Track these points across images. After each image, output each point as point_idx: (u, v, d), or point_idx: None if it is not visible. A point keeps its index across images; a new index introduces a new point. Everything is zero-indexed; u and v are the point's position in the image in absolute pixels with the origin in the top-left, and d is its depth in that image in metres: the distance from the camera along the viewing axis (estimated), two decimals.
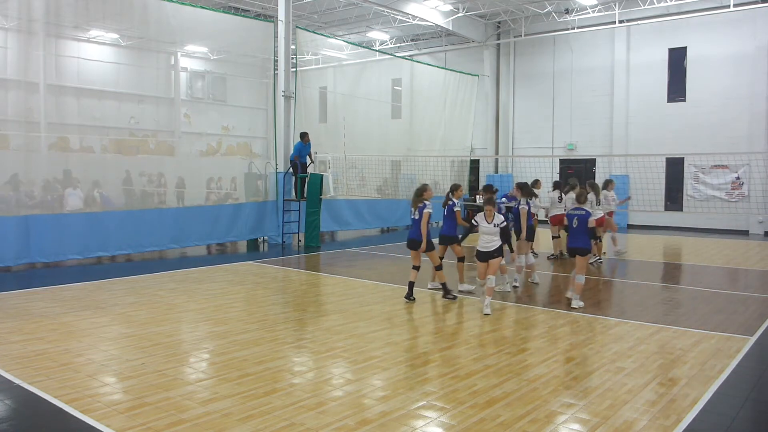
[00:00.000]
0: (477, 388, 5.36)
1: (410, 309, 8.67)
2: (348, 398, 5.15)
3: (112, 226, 12.93)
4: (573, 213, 8.87)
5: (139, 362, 6.02)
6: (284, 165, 16.42)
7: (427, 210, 8.85)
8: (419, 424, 4.62)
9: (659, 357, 6.39)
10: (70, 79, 13.88)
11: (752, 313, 8.54)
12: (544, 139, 23.80)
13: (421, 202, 8.92)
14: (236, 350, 6.50)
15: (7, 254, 11.39)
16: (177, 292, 9.65)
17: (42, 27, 12.33)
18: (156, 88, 16.60)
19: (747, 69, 19.45)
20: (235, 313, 8.31)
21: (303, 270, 12.57)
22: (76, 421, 4.64)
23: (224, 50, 19.32)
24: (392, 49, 26.12)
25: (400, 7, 20.23)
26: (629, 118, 21.82)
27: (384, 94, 22.76)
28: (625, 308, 9.10)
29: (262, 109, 17.14)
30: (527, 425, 4.60)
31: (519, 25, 23.35)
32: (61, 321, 7.66)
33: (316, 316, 8.17)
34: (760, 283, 10.80)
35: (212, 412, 4.77)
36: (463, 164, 25.03)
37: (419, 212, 8.92)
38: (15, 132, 12.43)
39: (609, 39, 22.00)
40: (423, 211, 8.86)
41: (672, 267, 13.12)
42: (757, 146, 19.05)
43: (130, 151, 14.94)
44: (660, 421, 4.72)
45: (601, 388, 5.42)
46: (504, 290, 9.73)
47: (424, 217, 8.83)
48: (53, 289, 9.78)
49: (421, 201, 8.94)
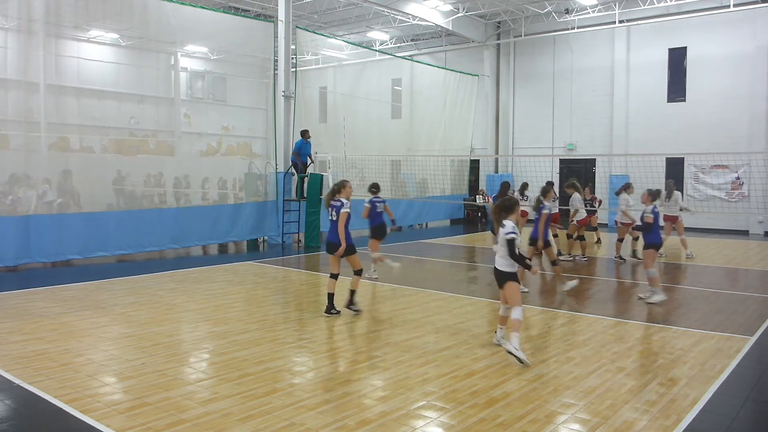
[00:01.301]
0: (477, 388, 5.36)
1: (410, 309, 8.66)
2: (348, 398, 5.15)
3: (112, 226, 12.93)
4: (657, 211, 9.11)
5: (139, 362, 6.02)
6: (284, 165, 16.43)
7: (345, 210, 7.90)
8: (419, 424, 4.62)
9: (659, 357, 6.39)
10: (70, 79, 13.88)
11: (752, 313, 8.54)
12: (544, 139, 23.79)
13: (338, 201, 7.99)
14: (236, 350, 6.50)
15: (7, 254, 11.39)
16: (177, 292, 9.65)
17: (42, 27, 12.33)
18: (156, 88, 16.61)
19: (747, 69, 19.44)
20: (235, 313, 8.30)
21: (303, 270, 12.57)
22: (76, 421, 4.64)
23: (224, 50, 19.33)
24: (392, 49, 26.12)
25: (400, 7, 20.23)
26: (629, 118, 21.81)
27: (384, 94, 22.76)
28: (625, 308, 9.10)
29: (262, 109, 17.15)
30: (527, 425, 4.60)
31: (519, 25, 23.35)
32: (61, 321, 7.66)
33: (316, 316, 8.16)
34: (760, 283, 10.80)
35: (212, 412, 4.77)
36: (463, 164, 25.04)
37: (336, 212, 7.95)
38: (15, 132, 12.43)
39: (609, 39, 22.00)
40: (340, 211, 7.92)
41: (672, 267, 13.11)
42: (757, 146, 19.04)
43: (130, 151, 14.93)
44: (660, 421, 4.72)
45: (601, 388, 5.42)
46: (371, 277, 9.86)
47: (341, 218, 7.87)
48: (53, 289, 9.78)
49: (337, 200, 8.00)
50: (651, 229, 9.10)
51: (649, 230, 9.13)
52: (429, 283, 10.90)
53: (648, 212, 9.11)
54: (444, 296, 9.61)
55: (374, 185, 11.30)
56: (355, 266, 8.14)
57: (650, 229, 9.10)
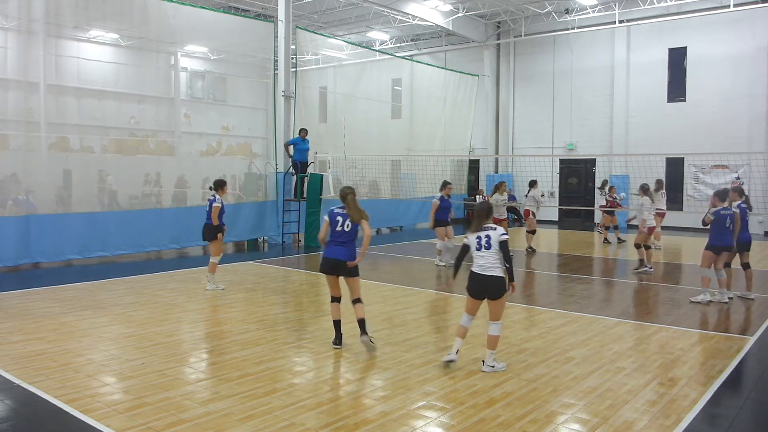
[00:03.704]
0: (477, 388, 5.36)
1: (410, 309, 8.66)
2: (348, 398, 5.15)
3: (112, 226, 12.92)
4: (725, 213, 8.97)
5: (139, 362, 6.02)
6: (284, 165, 16.43)
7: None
8: (419, 424, 4.62)
9: (659, 357, 6.39)
10: (70, 79, 13.89)
11: (752, 313, 8.55)
12: (544, 139, 23.79)
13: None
14: (236, 350, 6.50)
15: (7, 254, 11.39)
16: (177, 292, 9.65)
17: (42, 27, 12.33)
18: (156, 88, 16.60)
19: (747, 69, 19.44)
20: (235, 313, 8.30)
21: (303, 270, 12.56)
22: (76, 421, 4.64)
23: (224, 50, 19.33)
24: (392, 49, 26.11)
25: (400, 7, 20.23)
26: (629, 118, 21.80)
27: (384, 94, 22.75)
28: (625, 308, 9.10)
29: (262, 109, 17.16)
30: (527, 425, 4.60)
31: (519, 25, 23.34)
32: (61, 321, 7.66)
33: (316, 316, 8.16)
34: (760, 283, 10.79)
35: (212, 412, 4.77)
36: (463, 164, 25.04)
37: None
38: (15, 132, 12.42)
39: (609, 39, 21.99)
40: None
41: (672, 267, 13.11)
42: (757, 146, 19.04)
43: (130, 151, 14.93)
44: (660, 421, 4.71)
45: (601, 388, 5.42)
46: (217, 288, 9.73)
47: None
48: (53, 289, 9.78)
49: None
50: (711, 229, 8.95)
51: (710, 230, 9.00)
52: (429, 283, 10.90)
53: (711, 213, 8.97)
54: (444, 296, 9.61)
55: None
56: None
57: (711, 229, 8.96)
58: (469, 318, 5.95)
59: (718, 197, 9.08)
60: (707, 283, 9.01)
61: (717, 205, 9.04)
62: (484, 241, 5.76)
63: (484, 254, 5.75)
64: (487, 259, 5.73)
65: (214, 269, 9.84)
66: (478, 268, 5.76)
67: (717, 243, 8.96)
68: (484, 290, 5.76)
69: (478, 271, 5.76)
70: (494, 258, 5.72)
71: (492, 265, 5.72)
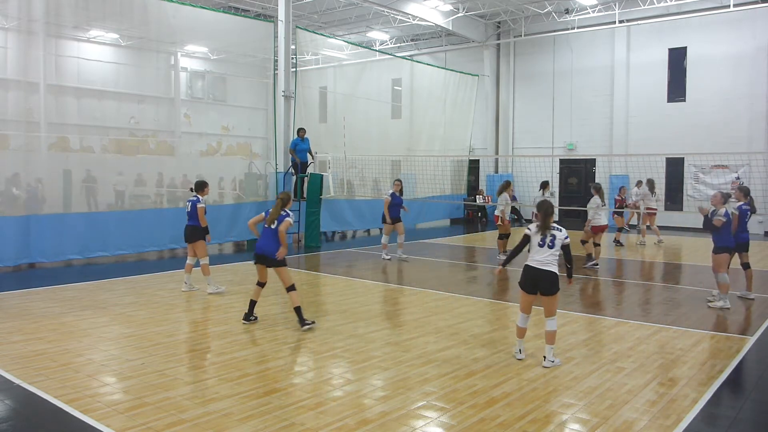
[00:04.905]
0: (477, 388, 5.36)
1: (410, 309, 8.66)
2: (348, 398, 5.15)
3: (112, 226, 12.92)
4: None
5: (139, 362, 6.02)
6: (284, 165, 16.43)
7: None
8: (419, 424, 4.62)
9: (659, 357, 6.39)
10: (70, 79, 13.90)
11: (752, 313, 8.54)
12: (544, 139, 23.79)
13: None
14: (236, 350, 6.50)
15: (7, 254, 11.39)
16: (177, 292, 9.64)
17: (42, 27, 12.33)
18: (156, 88, 16.62)
19: (747, 69, 19.44)
20: (235, 313, 8.30)
21: (303, 270, 12.56)
22: (76, 421, 4.64)
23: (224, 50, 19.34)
24: (392, 49, 26.11)
25: (400, 7, 20.23)
26: (629, 118, 21.80)
27: (384, 94, 22.74)
28: (625, 308, 9.11)
29: (262, 109, 17.17)
30: (527, 425, 4.60)
31: (519, 25, 23.35)
32: (61, 321, 7.66)
33: (316, 316, 8.16)
34: (760, 283, 10.79)
35: (212, 412, 4.77)
36: (463, 164, 25.04)
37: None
38: (15, 132, 12.43)
39: (609, 39, 21.99)
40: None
41: (672, 267, 13.11)
42: (757, 146, 19.04)
43: (130, 151, 14.94)
44: (660, 421, 4.71)
45: (601, 388, 5.42)
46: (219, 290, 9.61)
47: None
48: (53, 289, 9.77)
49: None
50: (722, 231, 8.72)
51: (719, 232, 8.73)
52: (429, 283, 10.90)
53: (720, 215, 8.62)
54: (444, 296, 9.61)
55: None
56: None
57: (721, 231, 8.72)
58: (525, 318, 6.16)
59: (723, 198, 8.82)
60: (726, 289, 8.70)
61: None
62: (549, 239, 5.99)
63: (545, 251, 5.98)
64: (546, 256, 5.97)
65: (207, 271, 9.73)
66: (535, 263, 5.99)
67: (730, 244, 8.76)
68: (537, 284, 5.98)
69: (534, 265, 5.99)
70: (554, 256, 5.97)
71: (549, 261, 5.96)
